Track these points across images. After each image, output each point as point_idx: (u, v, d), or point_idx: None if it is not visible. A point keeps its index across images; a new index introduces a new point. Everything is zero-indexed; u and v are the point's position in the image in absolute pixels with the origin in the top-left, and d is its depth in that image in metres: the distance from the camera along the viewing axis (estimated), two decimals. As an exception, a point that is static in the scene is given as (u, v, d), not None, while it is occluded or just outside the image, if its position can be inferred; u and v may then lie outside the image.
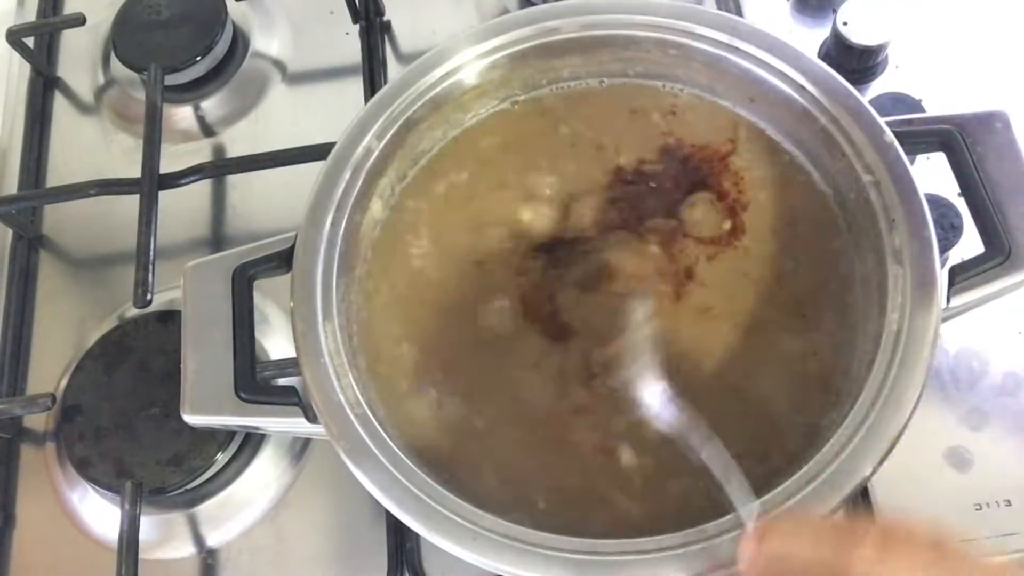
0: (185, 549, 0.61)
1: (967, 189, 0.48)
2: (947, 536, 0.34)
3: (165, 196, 0.67)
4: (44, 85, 0.79)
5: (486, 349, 0.50)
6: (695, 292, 0.50)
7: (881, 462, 0.41)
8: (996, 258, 0.46)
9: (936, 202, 0.59)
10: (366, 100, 0.68)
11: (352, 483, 0.44)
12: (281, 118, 0.75)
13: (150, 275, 0.62)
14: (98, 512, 0.62)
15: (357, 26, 0.76)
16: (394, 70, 0.75)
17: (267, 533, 0.60)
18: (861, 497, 0.55)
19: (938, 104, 0.65)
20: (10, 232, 0.73)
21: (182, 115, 0.76)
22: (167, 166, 0.68)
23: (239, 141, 0.74)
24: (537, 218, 0.53)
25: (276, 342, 0.64)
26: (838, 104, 0.49)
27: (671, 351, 0.48)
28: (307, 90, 0.76)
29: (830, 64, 0.50)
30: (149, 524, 0.60)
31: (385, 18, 0.77)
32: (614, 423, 0.47)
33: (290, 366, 0.57)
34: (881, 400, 0.42)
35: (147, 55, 0.74)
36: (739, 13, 0.71)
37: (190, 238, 0.71)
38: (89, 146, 0.76)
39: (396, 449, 0.44)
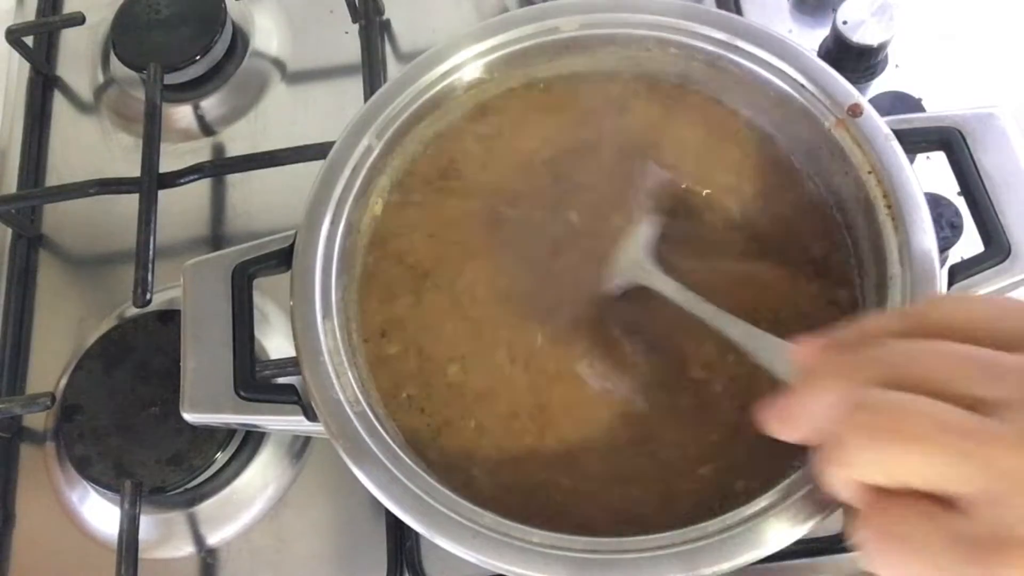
0: (185, 548, 0.61)
1: (967, 188, 0.48)
2: None
3: (165, 195, 0.67)
4: (43, 84, 0.79)
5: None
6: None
7: (881, 461, 0.41)
8: (996, 257, 0.46)
9: (936, 201, 0.59)
10: (365, 99, 0.68)
11: (352, 482, 0.44)
12: (281, 117, 0.75)
13: (150, 274, 0.62)
14: (98, 511, 0.62)
15: (356, 25, 0.76)
16: (394, 69, 0.75)
17: (267, 532, 0.60)
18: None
19: (938, 103, 0.65)
20: (10, 231, 0.72)
21: (182, 114, 0.76)
22: (167, 165, 0.68)
23: (239, 140, 0.74)
24: (536, 215, 0.53)
25: (276, 341, 0.64)
26: (837, 103, 0.49)
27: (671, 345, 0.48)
28: (307, 89, 0.76)
29: (830, 63, 0.50)
30: (149, 523, 0.60)
31: (384, 17, 0.77)
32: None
33: (290, 365, 0.57)
34: (881, 399, 0.42)
35: (147, 54, 0.74)
36: (739, 12, 0.71)
37: (190, 237, 0.71)
38: (89, 145, 0.76)
39: (396, 447, 0.44)
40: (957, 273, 0.46)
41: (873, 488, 0.30)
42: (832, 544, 0.54)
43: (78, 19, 0.77)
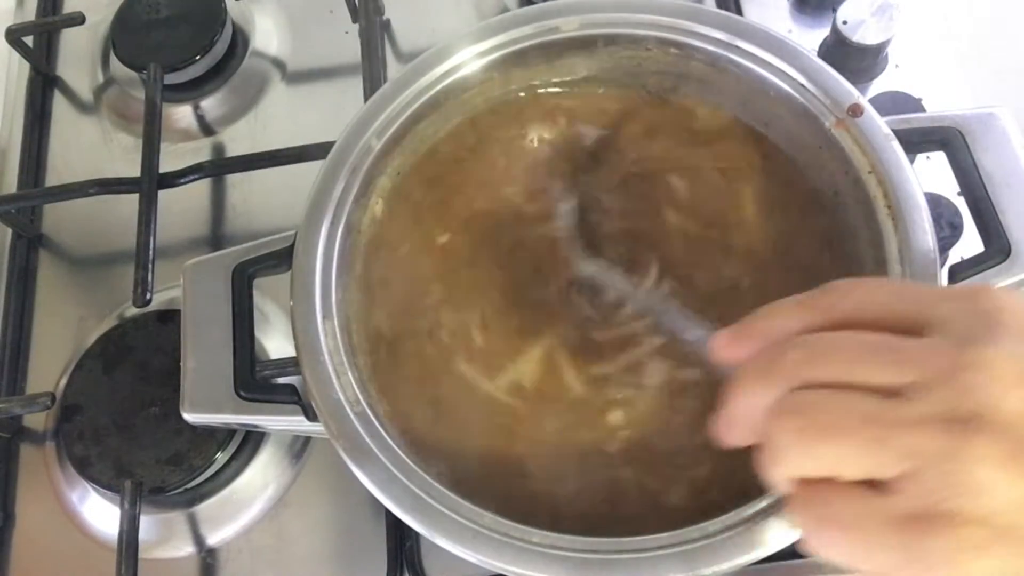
0: (185, 548, 0.61)
1: (967, 188, 0.48)
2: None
3: (165, 195, 0.67)
4: (43, 84, 0.79)
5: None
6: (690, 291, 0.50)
7: (881, 460, 0.41)
8: (996, 257, 0.46)
9: (936, 201, 0.59)
10: (365, 99, 0.68)
11: (352, 482, 0.44)
12: (281, 117, 0.75)
13: (150, 274, 0.62)
14: (98, 511, 0.62)
15: (356, 25, 0.76)
16: (394, 69, 0.75)
17: (267, 532, 0.60)
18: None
19: (938, 103, 0.65)
20: (9, 231, 0.72)
21: (181, 114, 0.76)
22: (167, 165, 0.68)
23: (239, 140, 0.74)
24: (535, 214, 0.53)
25: (276, 341, 0.64)
26: (837, 103, 0.49)
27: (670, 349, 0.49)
28: (307, 89, 0.76)
29: (830, 63, 0.50)
30: (149, 523, 0.60)
31: (384, 17, 0.77)
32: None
33: (290, 365, 0.57)
34: (881, 398, 0.42)
35: (146, 54, 0.74)
36: (739, 12, 0.71)
37: (190, 237, 0.71)
38: (88, 145, 0.76)
39: (396, 447, 0.44)
40: (957, 273, 0.46)
41: (808, 480, 0.32)
42: (832, 544, 0.54)
43: (78, 19, 0.77)
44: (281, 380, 0.58)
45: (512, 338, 0.50)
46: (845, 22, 0.64)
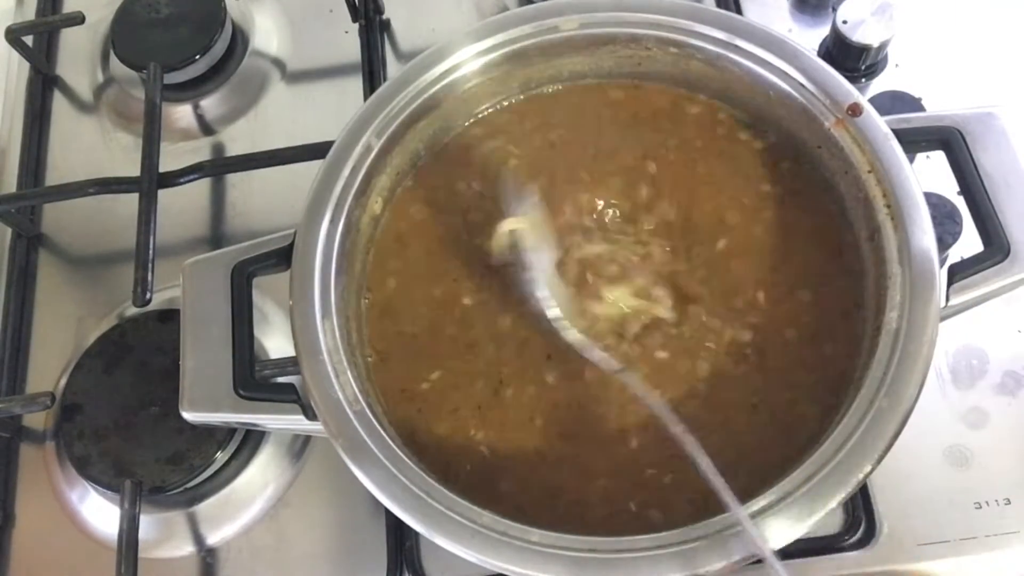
0: (185, 548, 0.61)
1: (966, 188, 0.48)
2: None
3: (164, 195, 0.67)
4: (43, 84, 0.79)
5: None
6: (693, 287, 0.50)
7: (880, 460, 0.41)
8: (995, 256, 0.46)
9: (936, 201, 0.59)
10: (365, 98, 0.68)
11: (352, 481, 0.44)
12: (280, 116, 0.75)
13: (149, 274, 0.62)
14: (98, 511, 0.62)
15: (356, 24, 0.76)
16: (393, 68, 0.75)
17: (267, 532, 0.60)
18: (860, 495, 0.55)
19: (938, 102, 0.65)
20: (9, 231, 0.72)
21: (181, 114, 0.76)
22: (166, 165, 0.68)
23: (238, 140, 0.74)
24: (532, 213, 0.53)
25: (275, 340, 0.64)
26: (837, 102, 0.49)
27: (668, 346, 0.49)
28: (306, 88, 0.76)
29: (830, 63, 0.50)
30: (149, 523, 0.60)
31: (384, 16, 0.77)
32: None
33: (289, 364, 0.57)
34: (880, 397, 0.42)
35: (146, 53, 0.74)
36: (739, 11, 0.71)
37: (189, 237, 0.71)
38: (88, 145, 0.76)
39: (395, 446, 0.44)
40: (957, 273, 0.46)
41: None
42: (831, 543, 0.55)
43: (78, 19, 0.77)
44: (280, 379, 0.58)
45: None
46: (845, 22, 0.64)
